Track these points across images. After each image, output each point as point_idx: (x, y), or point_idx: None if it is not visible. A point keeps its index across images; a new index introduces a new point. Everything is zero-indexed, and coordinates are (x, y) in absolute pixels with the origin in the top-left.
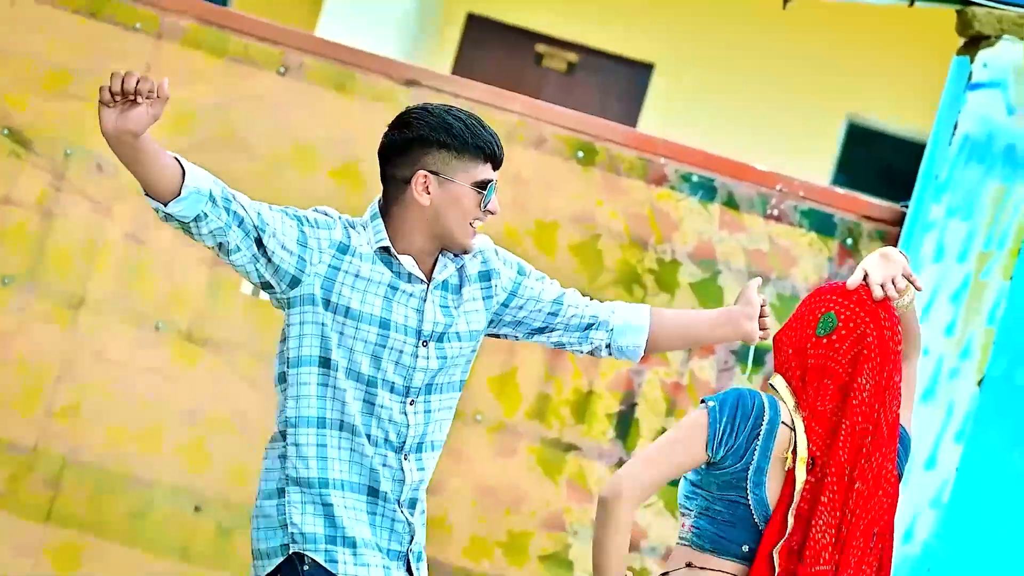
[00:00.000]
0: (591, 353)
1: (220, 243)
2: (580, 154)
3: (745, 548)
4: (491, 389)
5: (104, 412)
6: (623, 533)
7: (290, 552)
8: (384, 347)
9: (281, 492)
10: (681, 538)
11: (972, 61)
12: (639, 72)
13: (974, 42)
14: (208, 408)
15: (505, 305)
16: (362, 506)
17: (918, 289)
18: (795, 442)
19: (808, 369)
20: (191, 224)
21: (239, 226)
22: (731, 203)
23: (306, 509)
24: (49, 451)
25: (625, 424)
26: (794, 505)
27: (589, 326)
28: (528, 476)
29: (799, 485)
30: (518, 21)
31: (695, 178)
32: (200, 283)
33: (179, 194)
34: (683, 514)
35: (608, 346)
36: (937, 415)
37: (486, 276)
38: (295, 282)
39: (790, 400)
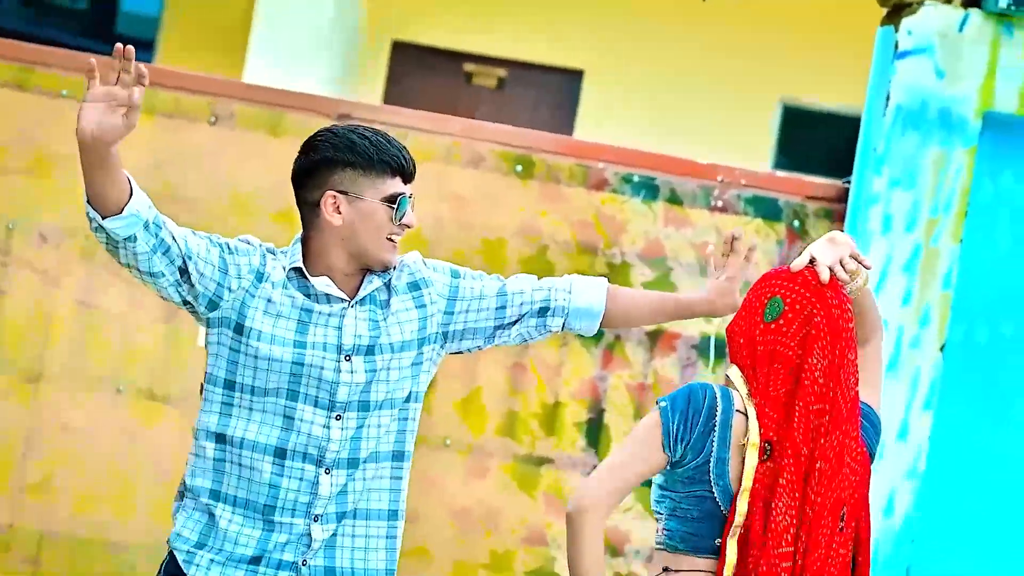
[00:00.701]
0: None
1: (142, 267)
2: (519, 168)
3: (717, 542)
4: (457, 412)
5: (75, 481)
6: (594, 545)
7: (169, 547)
8: (301, 364)
9: (180, 495)
10: (657, 543)
11: (897, 30)
12: (569, 80)
13: (897, 11)
14: (178, 463)
15: (450, 313)
16: (252, 520)
17: (867, 268)
18: (748, 428)
19: (758, 356)
20: (120, 243)
21: (164, 254)
22: (674, 199)
23: (192, 515)
24: (25, 527)
25: (595, 432)
26: (744, 490)
27: (543, 311)
28: (504, 494)
29: (748, 470)
30: (443, 43)
31: (636, 179)
32: (156, 340)
33: (120, 212)
34: (657, 519)
35: (564, 325)
36: (903, 386)
37: (415, 286)
38: (213, 305)
39: (743, 388)
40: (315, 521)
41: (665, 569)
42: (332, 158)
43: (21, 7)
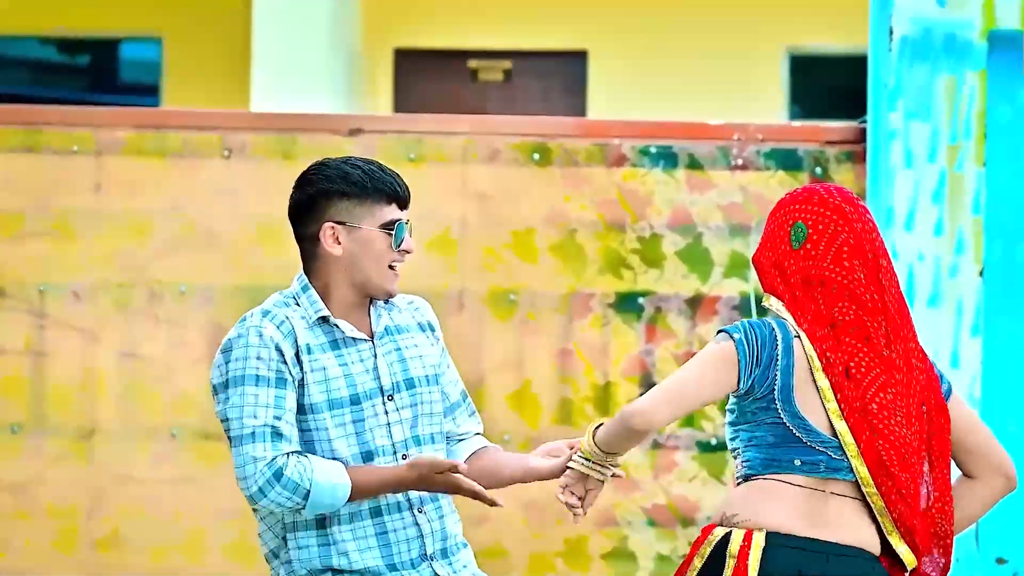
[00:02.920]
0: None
1: None
2: (536, 156)
3: (797, 462)
4: (510, 407)
5: (144, 533)
6: (627, 443)
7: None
8: (363, 421)
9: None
10: (737, 477)
11: None
12: (575, 62)
13: None
14: (242, 500)
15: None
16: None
17: None
18: (807, 353)
19: (794, 284)
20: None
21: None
22: (695, 164)
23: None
24: None
25: None
26: (832, 411)
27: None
28: None
29: (825, 392)
30: (445, 43)
31: (653, 150)
32: (201, 381)
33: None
34: (735, 457)
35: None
36: (948, 316)
37: (429, 327)
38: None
39: (788, 316)
40: (432, 561)
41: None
42: (327, 190)
43: (24, 72)
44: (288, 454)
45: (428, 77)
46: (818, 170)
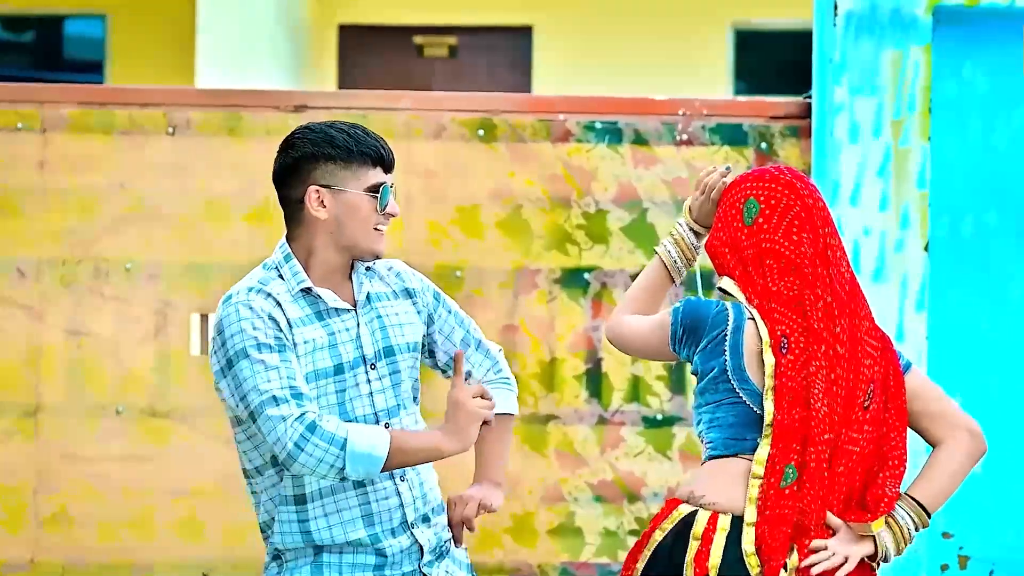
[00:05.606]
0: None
1: None
2: (481, 132)
3: (758, 440)
4: None
5: (91, 509)
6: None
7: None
8: (344, 390)
9: (277, 556)
10: (704, 460)
11: None
12: (520, 38)
13: None
14: (190, 477)
15: (427, 326)
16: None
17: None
18: (760, 331)
19: (748, 259)
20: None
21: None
22: (640, 140)
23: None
24: (47, 562)
25: (595, 381)
26: (768, 388)
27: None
28: (515, 457)
29: (768, 368)
30: (390, 20)
31: (598, 125)
32: (149, 357)
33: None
34: (701, 441)
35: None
36: (894, 290)
37: (408, 293)
38: None
39: (741, 296)
40: (413, 528)
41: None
42: (312, 153)
43: None
44: (318, 413)
45: (373, 53)
46: (763, 145)
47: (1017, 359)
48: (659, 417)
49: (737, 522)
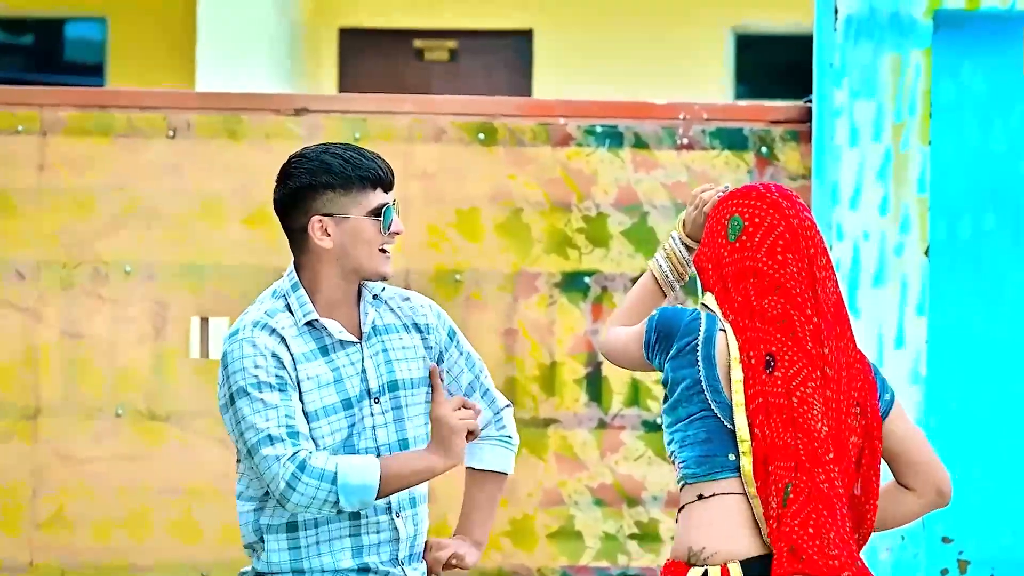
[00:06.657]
0: None
1: None
2: (481, 136)
3: (731, 456)
4: None
5: (88, 511)
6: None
7: None
8: (353, 424)
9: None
10: (679, 481)
11: None
12: (520, 42)
13: None
14: (186, 478)
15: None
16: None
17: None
18: (729, 346)
19: (729, 276)
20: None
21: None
22: (640, 144)
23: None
24: (45, 564)
25: (595, 385)
26: (737, 404)
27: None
28: (516, 460)
29: (736, 384)
30: (390, 23)
31: (599, 129)
32: (146, 359)
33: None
34: (673, 461)
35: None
36: (893, 295)
37: (419, 328)
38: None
39: (718, 309)
40: (404, 566)
41: (699, 496)
42: (311, 183)
43: None
44: (310, 451)
45: (373, 56)
46: (763, 149)
47: (1017, 362)
48: (659, 421)
49: (748, 567)
